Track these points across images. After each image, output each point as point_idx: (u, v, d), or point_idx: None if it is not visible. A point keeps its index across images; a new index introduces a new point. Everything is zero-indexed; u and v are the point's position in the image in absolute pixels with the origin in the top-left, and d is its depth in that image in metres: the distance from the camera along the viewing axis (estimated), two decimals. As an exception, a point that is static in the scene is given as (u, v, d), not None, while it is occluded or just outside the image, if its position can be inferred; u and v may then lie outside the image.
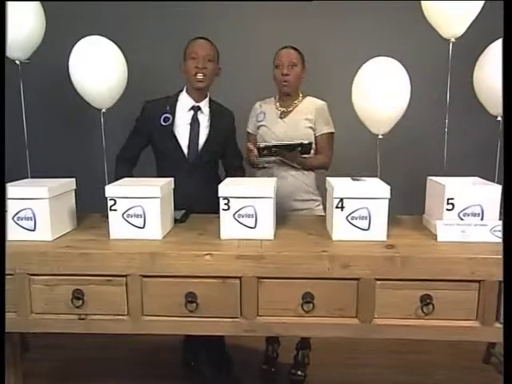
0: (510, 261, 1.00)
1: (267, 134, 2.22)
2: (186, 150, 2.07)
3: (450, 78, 2.24)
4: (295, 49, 2.18)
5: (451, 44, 2.20)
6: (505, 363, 0.96)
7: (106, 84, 2.26)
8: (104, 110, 2.36)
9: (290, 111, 2.23)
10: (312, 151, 2.17)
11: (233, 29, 2.94)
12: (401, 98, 2.14)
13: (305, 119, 2.20)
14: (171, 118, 2.06)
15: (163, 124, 2.05)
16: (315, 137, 2.21)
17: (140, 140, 2.13)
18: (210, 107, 2.13)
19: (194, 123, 2.08)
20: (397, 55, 2.17)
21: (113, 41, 2.29)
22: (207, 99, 2.13)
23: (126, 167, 2.12)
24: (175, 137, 2.06)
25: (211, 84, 2.11)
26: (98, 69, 2.23)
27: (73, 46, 2.24)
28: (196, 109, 2.10)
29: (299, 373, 2.29)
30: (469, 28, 2.16)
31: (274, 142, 2.10)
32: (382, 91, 2.10)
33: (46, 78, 2.95)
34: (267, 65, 2.24)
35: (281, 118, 2.22)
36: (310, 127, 2.20)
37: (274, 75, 2.19)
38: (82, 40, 2.26)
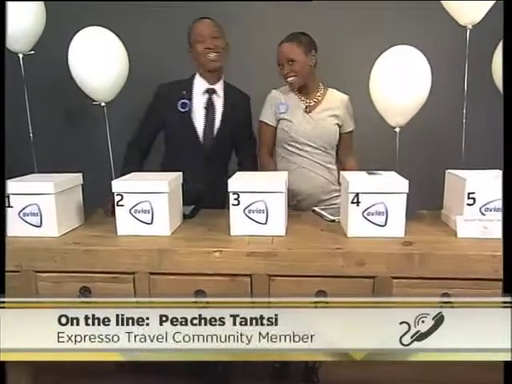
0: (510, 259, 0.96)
1: (293, 129, 2.05)
2: (201, 135, 2.01)
3: (467, 65, 2.17)
4: (296, 38, 1.99)
5: (468, 31, 2.13)
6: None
7: (106, 76, 2.22)
8: (103, 104, 2.32)
9: (316, 105, 2.08)
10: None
11: (240, 14, 2.83)
12: (421, 89, 2.06)
13: (331, 115, 2.07)
14: (189, 104, 1.99)
15: (181, 110, 1.98)
16: (341, 134, 2.10)
17: (155, 122, 2.04)
18: (224, 90, 2.04)
19: (210, 107, 2.01)
20: (412, 43, 2.09)
21: (114, 32, 2.24)
22: (222, 81, 2.05)
23: (137, 158, 2.02)
24: (193, 123, 2.00)
25: (225, 63, 2.01)
26: (98, 60, 2.18)
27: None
28: (211, 91, 2.02)
29: (315, 380, 2.25)
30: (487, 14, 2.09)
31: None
32: (402, 82, 2.02)
33: (49, 72, 2.89)
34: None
35: (306, 112, 2.07)
36: (337, 124, 2.09)
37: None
38: (81, 31, 2.22)
